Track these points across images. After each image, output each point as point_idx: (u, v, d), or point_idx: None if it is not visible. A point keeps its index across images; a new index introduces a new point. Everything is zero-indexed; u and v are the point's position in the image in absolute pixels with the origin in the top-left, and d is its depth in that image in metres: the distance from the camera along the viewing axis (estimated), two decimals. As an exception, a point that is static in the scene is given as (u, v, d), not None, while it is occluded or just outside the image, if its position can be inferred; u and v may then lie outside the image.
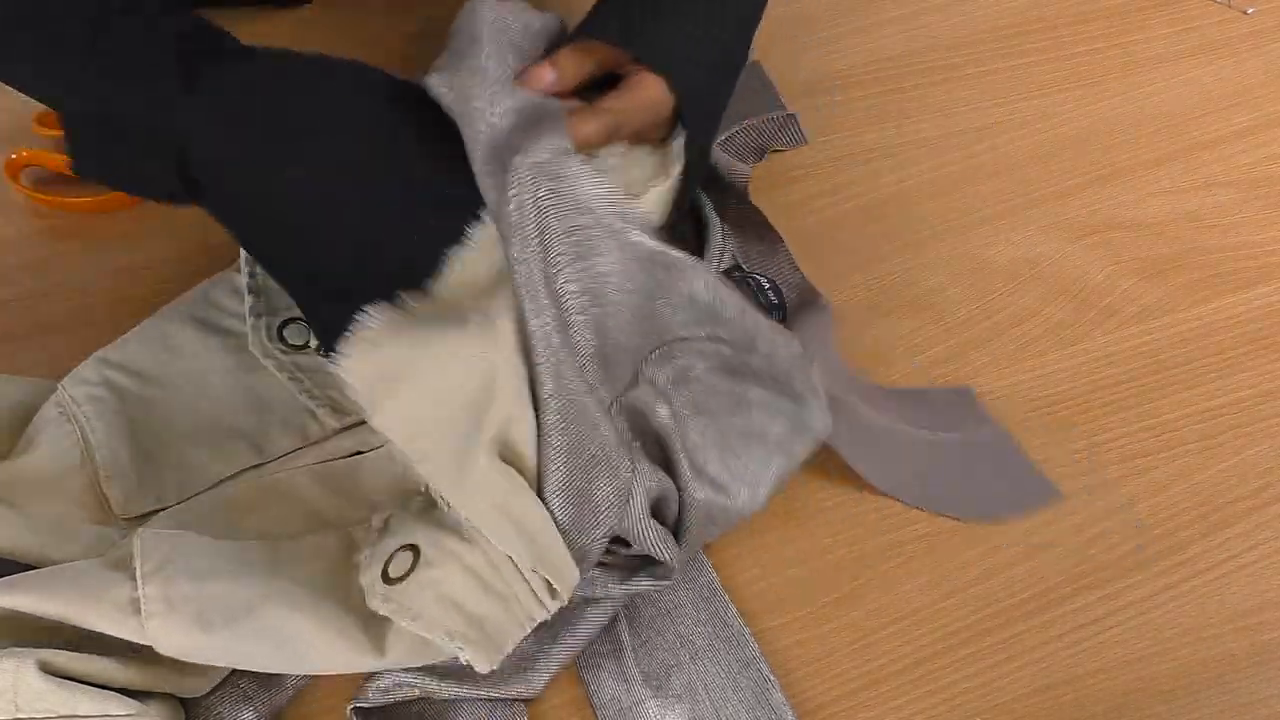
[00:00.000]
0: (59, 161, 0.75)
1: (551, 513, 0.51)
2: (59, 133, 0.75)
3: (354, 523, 0.57)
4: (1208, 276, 0.72)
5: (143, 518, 0.58)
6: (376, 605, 0.50)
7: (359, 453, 0.60)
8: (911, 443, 0.63)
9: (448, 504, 0.52)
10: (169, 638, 0.48)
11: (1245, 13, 0.89)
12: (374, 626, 0.51)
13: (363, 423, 0.61)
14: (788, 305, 0.66)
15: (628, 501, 0.53)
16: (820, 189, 0.77)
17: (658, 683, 0.54)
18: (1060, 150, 0.79)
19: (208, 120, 0.52)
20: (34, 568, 0.55)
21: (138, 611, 0.49)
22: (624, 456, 0.53)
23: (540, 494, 0.51)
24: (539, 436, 0.52)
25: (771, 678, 0.54)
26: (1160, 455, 0.63)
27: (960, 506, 0.61)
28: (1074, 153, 0.79)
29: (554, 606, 0.51)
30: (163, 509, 0.58)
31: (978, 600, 0.58)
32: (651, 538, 0.54)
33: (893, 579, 0.59)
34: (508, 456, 0.52)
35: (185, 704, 0.53)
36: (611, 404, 0.55)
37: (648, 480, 0.54)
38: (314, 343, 0.62)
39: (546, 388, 0.51)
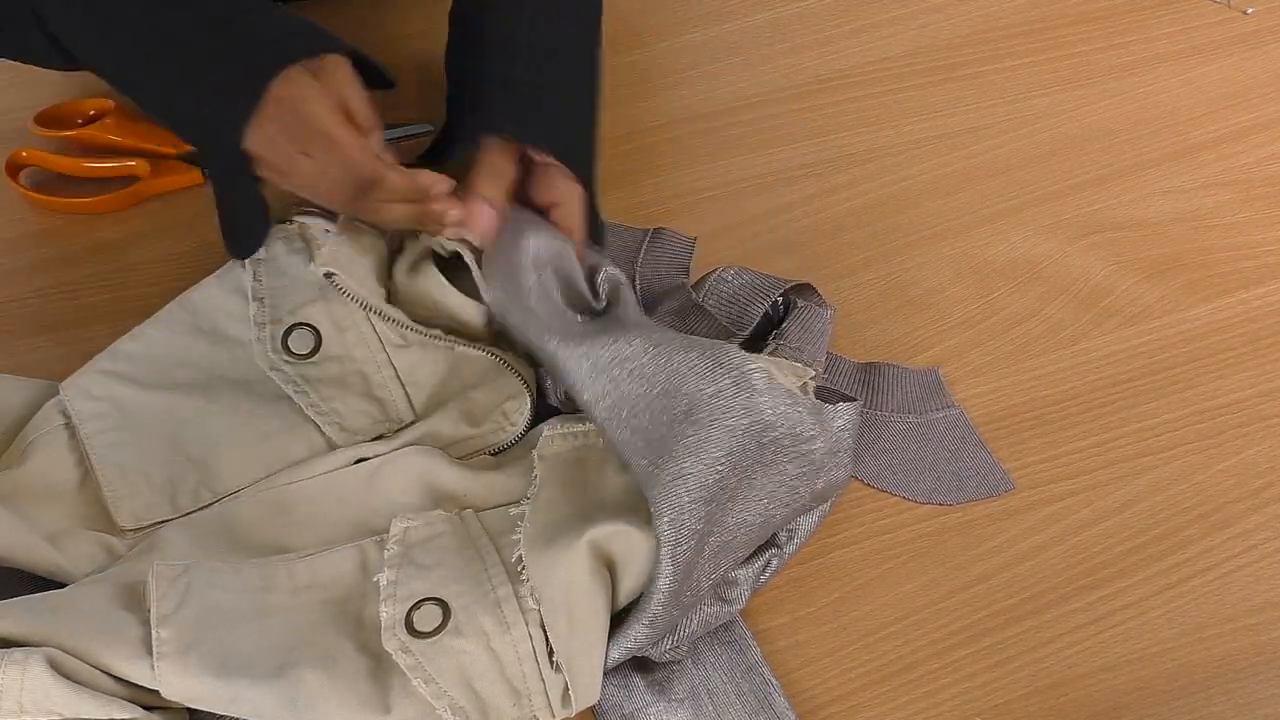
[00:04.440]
0: (59, 162, 0.75)
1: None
2: (59, 133, 0.75)
3: (370, 532, 0.56)
4: (1208, 276, 0.72)
5: (148, 527, 0.57)
6: (393, 649, 0.49)
7: (365, 457, 0.60)
8: (874, 424, 0.64)
9: (520, 565, 0.52)
10: (179, 680, 0.48)
11: (1245, 13, 0.89)
12: (381, 676, 0.50)
13: (375, 439, 0.60)
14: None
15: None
16: (820, 189, 0.77)
17: (660, 688, 0.53)
18: (1060, 150, 0.79)
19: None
20: (30, 572, 0.55)
21: (149, 652, 0.48)
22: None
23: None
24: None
25: (774, 682, 0.54)
26: (1160, 455, 0.63)
27: (914, 487, 0.62)
28: (1074, 153, 0.79)
29: (562, 714, 0.51)
30: (168, 520, 0.58)
31: (978, 600, 0.58)
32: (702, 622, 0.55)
33: (893, 579, 0.59)
34: (606, 561, 0.52)
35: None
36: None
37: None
38: (320, 350, 0.62)
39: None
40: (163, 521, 0.57)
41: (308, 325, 0.61)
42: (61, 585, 0.54)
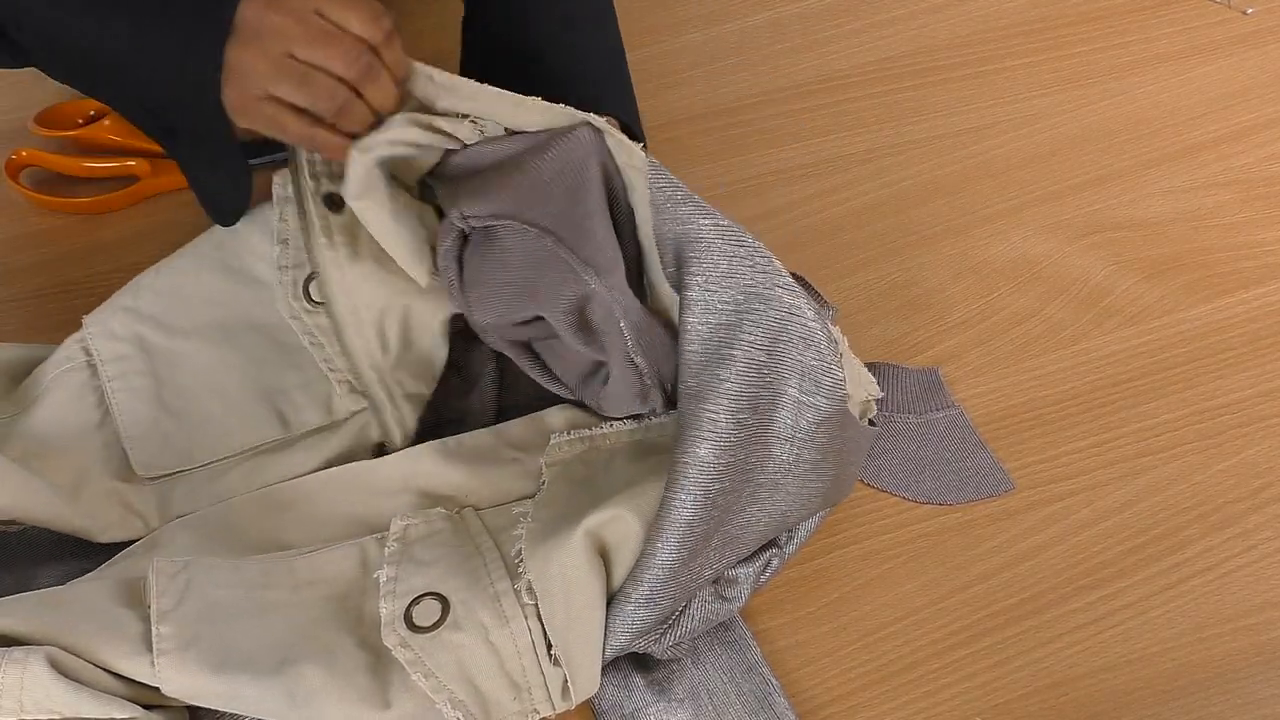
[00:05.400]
0: (59, 162, 0.75)
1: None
2: (59, 133, 0.75)
3: (370, 530, 0.56)
4: (1208, 276, 0.72)
5: (163, 477, 0.58)
6: (392, 644, 0.49)
7: (381, 449, 0.60)
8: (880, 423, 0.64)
9: (520, 559, 0.52)
10: (179, 677, 0.48)
11: (1245, 13, 0.89)
12: (380, 671, 0.50)
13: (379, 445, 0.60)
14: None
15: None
16: (820, 189, 0.77)
17: (660, 688, 0.54)
18: (1060, 150, 0.79)
19: None
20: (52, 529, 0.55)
21: (149, 649, 0.48)
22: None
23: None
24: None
25: (774, 681, 0.54)
26: (1160, 455, 0.63)
27: (914, 488, 0.62)
28: (1074, 153, 0.79)
29: (562, 707, 0.51)
30: (184, 471, 0.58)
31: (978, 600, 0.58)
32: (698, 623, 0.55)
33: (893, 579, 0.59)
34: (600, 549, 0.52)
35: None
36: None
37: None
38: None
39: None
40: (176, 472, 0.58)
41: None
42: (83, 543, 0.55)
